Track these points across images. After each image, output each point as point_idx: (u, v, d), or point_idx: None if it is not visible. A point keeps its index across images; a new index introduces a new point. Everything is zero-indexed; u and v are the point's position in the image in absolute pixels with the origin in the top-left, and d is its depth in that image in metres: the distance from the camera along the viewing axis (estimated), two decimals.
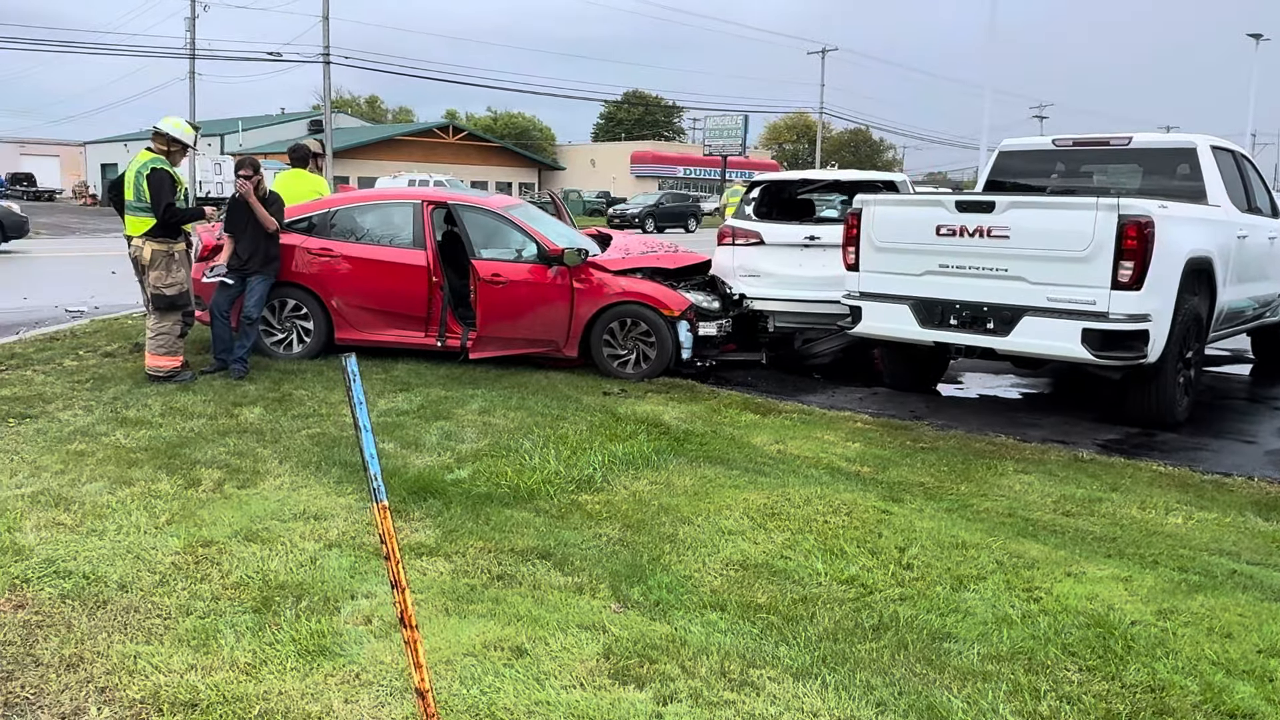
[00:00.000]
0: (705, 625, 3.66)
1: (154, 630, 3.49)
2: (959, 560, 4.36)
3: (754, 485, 5.35)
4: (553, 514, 4.86)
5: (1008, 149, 9.20)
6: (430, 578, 4.01)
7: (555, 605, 3.78)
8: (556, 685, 3.17)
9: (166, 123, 7.55)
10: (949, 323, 7.13)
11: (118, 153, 61.93)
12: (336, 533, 4.46)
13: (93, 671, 3.19)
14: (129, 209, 7.46)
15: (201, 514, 4.66)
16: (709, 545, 4.47)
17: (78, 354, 8.54)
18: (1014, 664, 3.43)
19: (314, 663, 3.27)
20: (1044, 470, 5.96)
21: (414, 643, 2.41)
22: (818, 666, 3.35)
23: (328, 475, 5.30)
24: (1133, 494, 5.51)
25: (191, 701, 3.02)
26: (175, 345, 7.48)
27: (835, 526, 4.73)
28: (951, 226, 7.02)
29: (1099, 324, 6.45)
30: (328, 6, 39.92)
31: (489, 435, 6.23)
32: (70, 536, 4.32)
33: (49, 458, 5.44)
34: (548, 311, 8.39)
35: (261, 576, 3.95)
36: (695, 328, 8.43)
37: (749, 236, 9.30)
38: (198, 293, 8.24)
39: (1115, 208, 6.35)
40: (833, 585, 4.08)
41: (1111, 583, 4.16)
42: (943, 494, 5.43)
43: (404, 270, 8.51)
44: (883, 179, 9.55)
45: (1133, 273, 6.34)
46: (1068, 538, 4.75)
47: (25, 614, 3.58)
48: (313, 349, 8.54)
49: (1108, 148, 8.58)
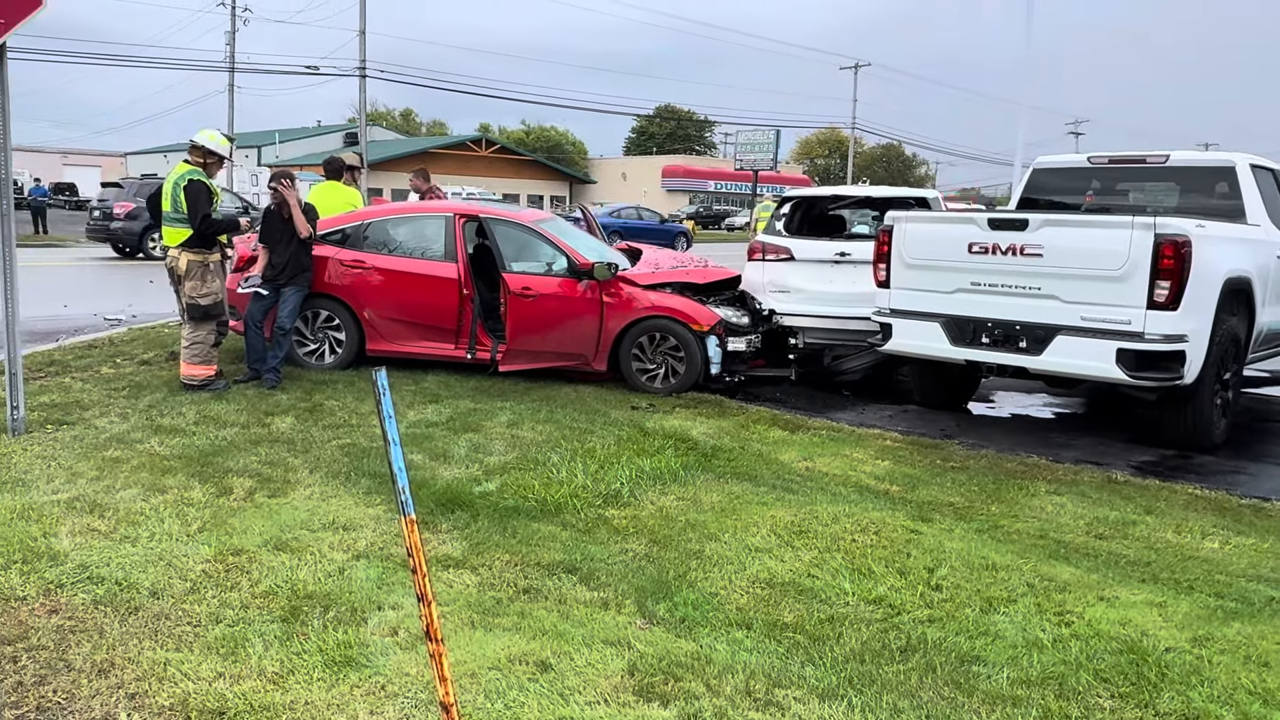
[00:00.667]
0: (731, 643, 3.64)
1: (184, 638, 3.52)
2: (989, 582, 4.31)
3: (782, 502, 5.32)
4: (579, 528, 4.87)
5: (1042, 166, 9.13)
6: (457, 590, 4.02)
7: (581, 620, 3.78)
8: (581, 701, 3.16)
9: (203, 135, 7.68)
10: (981, 341, 7.07)
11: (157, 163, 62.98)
12: (365, 544, 4.48)
13: (123, 678, 3.23)
14: (166, 220, 7.58)
15: (232, 522, 4.70)
16: (735, 562, 4.45)
17: (115, 362, 8.67)
18: (1044, 689, 3.38)
19: (340, 673, 3.29)
20: (1077, 492, 5.88)
21: (439, 656, 2.41)
22: (844, 687, 3.32)
23: (357, 486, 5.33)
24: (1168, 517, 5.42)
25: (219, 710, 3.04)
26: (210, 354, 7.58)
27: (863, 545, 4.70)
28: (984, 244, 6.96)
29: (1134, 344, 6.37)
30: (364, 21, 40.44)
31: (517, 448, 6.25)
32: (104, 543, 4.37)
33: (85, 464, 5.53)
34: (577, 325, 8.41)
35: (290, 586, 3.98)
36: (724, 343, 8.41)
37: (779, 252, 9.29)
38: (232, 303, 8.35)
39: (1152, 226, 6.28)
40: (860, 605, 4.05)
41: (1145, 608, 4.09)
42: (973, 514, 5.37)
43: (435, 283, 8.57)
44: (915, 195, 9.51)
45: (1169, 292, 6.26)
46: (1101, 561, 4.68)
47: (58, 619, 3.63)
48: (344, 360, 8.62)
49: (1144, 165, 8.48)
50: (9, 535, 4.38)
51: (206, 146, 7.59)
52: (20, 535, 4.38)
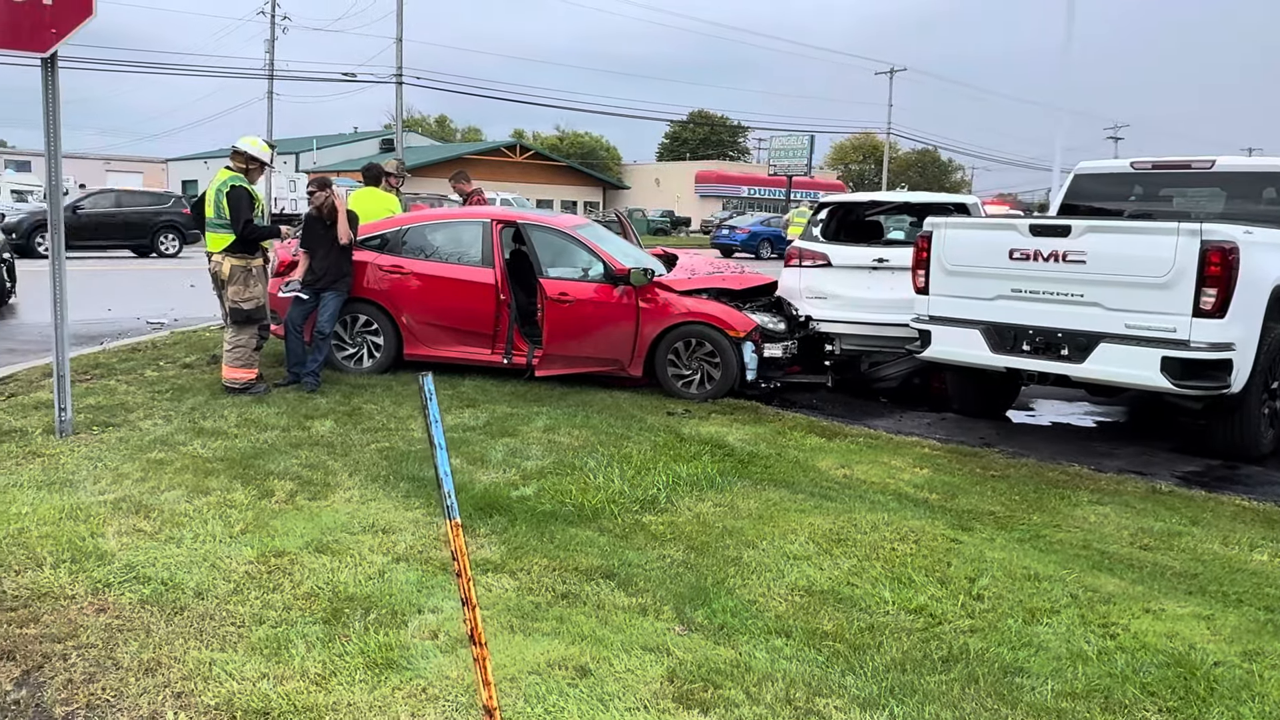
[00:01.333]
0: (770, 651, 3.62)
1: (228, 638, 3.57)
2: (1031, 592, 4.26)
3: (819, 510, 5.29)
4: (617, 534, 4.87)
5: (1084, 171, 9.02)
6: (495, 594, 4.04)
7: (619, 626, 3.77)
8: (620, 706, 3.16)
9: (244, 141, 7.80)
10: (1021, 348, 6.99)
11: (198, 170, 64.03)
12: (404, 547, 4.52)
13: (170, 676, 3.28)
14: (209, 226, 7.69)
15: (274, 524, 4.76)
16: (774, 570, 4.43)
17: (158, 365, 8.81)
18: (1090, 702, 3.33)
19: (382, 675, 3.31)
20: (1120, 502, 5.79)
21: (483, 660, 2.42)
22: (885, 697, 3.29)
23: (396, 489, 5.38)
24: (1215, 529, 5.32)
25: (264, 710, 3.08)
26: (251, 358, 7.68)
27: (903, 554, 4.66)
28: (1025, 250, 6.89)
29: (1179, 352, 6.27)
30: (401, 28, 40.87)
31: (554, 453, 6.26)
32: (150, 543, 4.44)
33: (130, 465, 5.62)
34: (613, 331, 8.42)
35: (331, 588, 4.02)
36: (760, 349, 8.39)
37: (816, 258, 9.24)
38: (273, 307, 8.45)
39: (1197, 233, 6.18)
40: (900, 614, 4.01)
41: (1193, 621, 4.02)
42: (1014, 524, 5.31)
43: (472, 288, 8.62)
44: (954, 201, 9.42)
45: (1215, 300, 6.16)
46: (1146, 572, 4.60)
47: (106, 618, 3.69)
48: (382, 364, 8.69)
49: (1189, 171, 8.35)
50: (58, 534, 4.46)
51: (249, 152, 7.70)
52: (69, 534, 4.46)
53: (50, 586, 3.93)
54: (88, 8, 5.98)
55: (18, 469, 5.50)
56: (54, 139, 6.08)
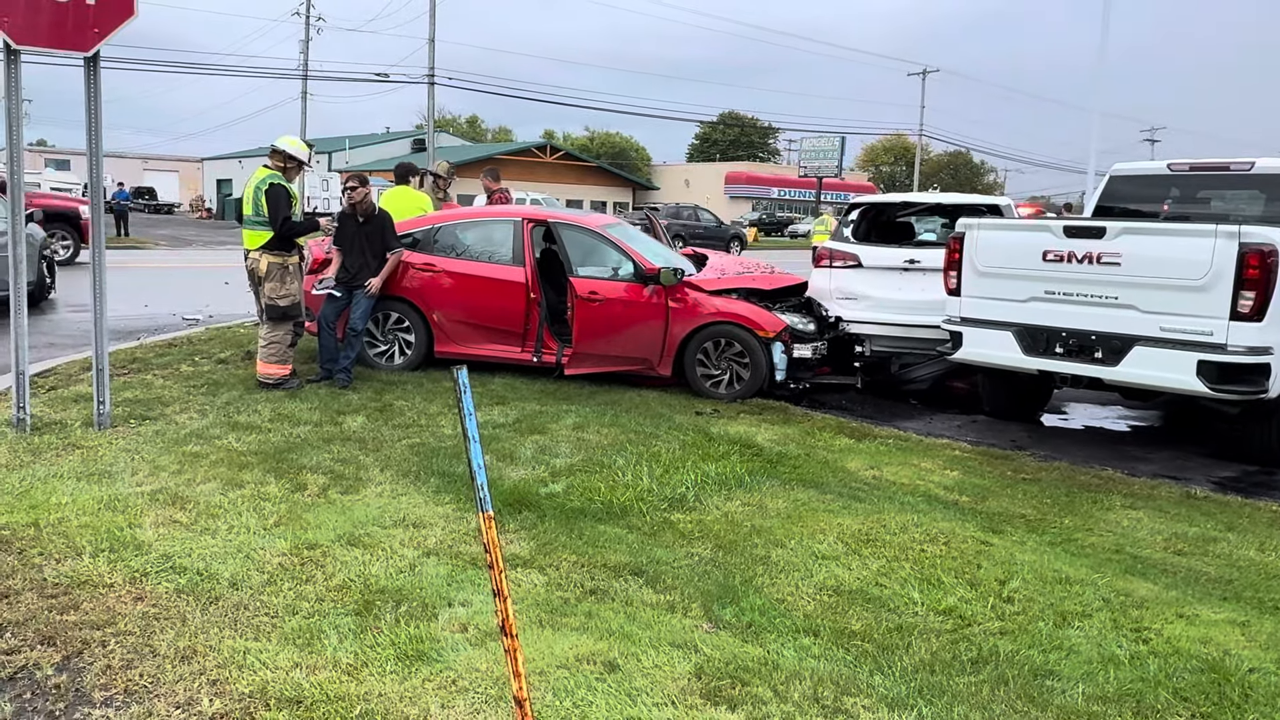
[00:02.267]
0: (798, 649, 3.62)
1: (262, 628, 3.62)
2: (1063, 596, 4.23)
3: (848, 510, 5.28)
4: (645, 531, 4.88)
5: (1119, 173, 8.93)
6: (524, 589, 4.07)
7: (647, 622, 3.79)
8: (649, 702, 3.17)
9: (283, 141, 7.89)
10: (1054, 351, 6.93)
11: (233, 169, 64.71)
12: (434, 541, 4.56)
13: (205, 664, 3.33)
14: (247, 223, 7.79)
15: (307, 517, 4.82)
16: (802, 569, 4.43)
17: (193, 360, 8.94)
18: (1122, 706, 3.30)
19: (412, 667, 3.35)
20: (1154, 506, 5.72)
21: (514, 651, 2.45)
22: (914, 698, 3.28)
23: (426, 484, 5.42)
24: (1251, 535, 5.25)
25: (296, 698, 3.12)
26: (286, 354, 7.77)
27: (932, 555, 4.64)
28: (1059, 252, 6.83)
29: (1216, 356, 6.19)
30: (434, 29, 41.10)
31: (583, 451, 6.29)
32: (185, 534, 4.51)
33: (166, 458, 5.70)
34: (642, 330, 8.44)
35: (363, 580, 4.06)
36: (790, 350, 8.37)
37: (847, 259, 9.21)
38: (307, 304, 8.54)
39: (1236, 235, 6.10)
40: (929, 615, 4.00)
41: (1227, 626, 3.97)
42: (1045, 527, 5.27)
43: (503, 286, 8.67)
44: (986, 203, 9.35)
45: (1254, 303, 6.08)
46: (1179, 578, 4.55)
47: (144, 606, 3.75)
48: (413, 361, 8.76)
49: (1228, 173, 8.25)
50: (97, 525, 4.55)
51: (287, 151, 7.80)
52: (107, 525, 4.55)
53: (89, 575, 4.01)
54: (129, 8, 6.09)
55: (58, 460, 5.60)
56: (95, 137, 6.19)
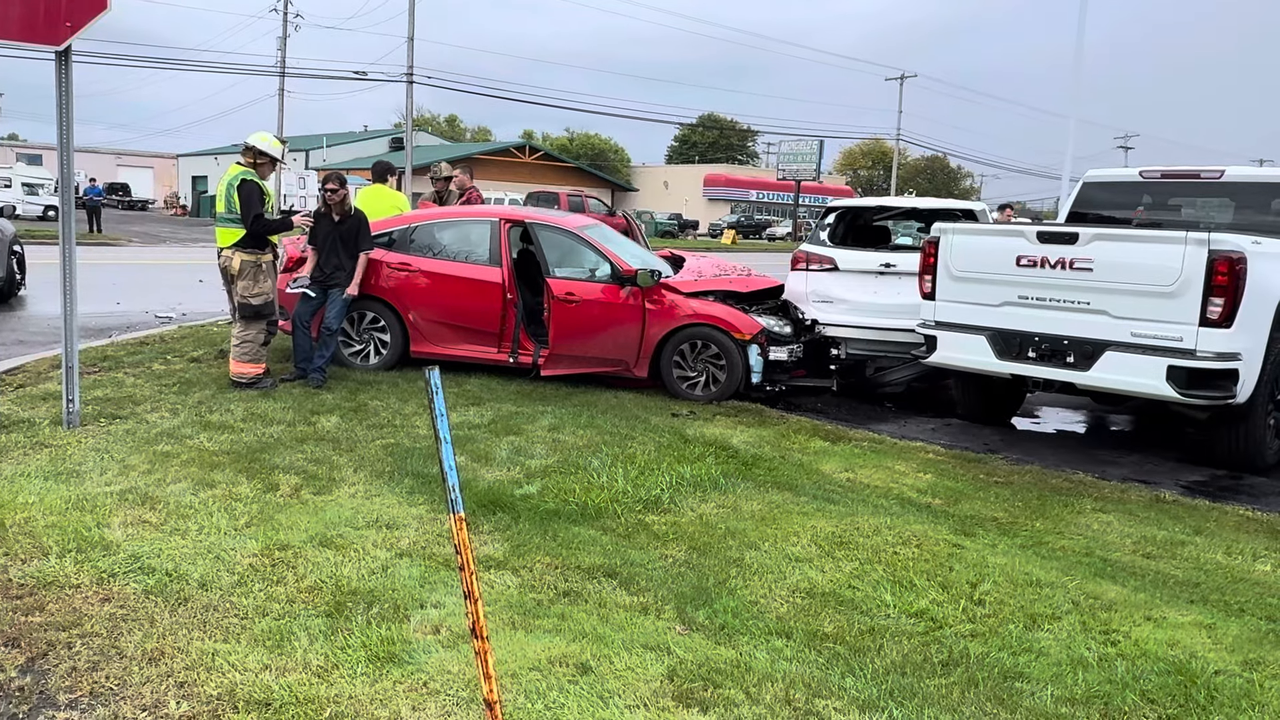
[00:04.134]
0: (770, 651, 3.63)
1: (231, 629, 3.58)
2: (1033, 598, 4.26)
3: (822, 513, 5.30)
4: (619, 533, 4.88)
5: (1092, 180, 9.01)
6: (498, 590, 4.05)
7: (620, 624, 3.79)
8: (620, 704, 3.17)
9: (256, 137, 7.83)
10: (1027, 355, 6.99)
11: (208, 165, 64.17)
12: (407, 542, 4.53)
13: (173, 666, 3.29)
14: (220, 220, 7.73)
15: (279, 518, 4.78)
16: (775, 571, 4.44)
17: (166, 358, 8.85)
18: (1089, 708, 3.33)
19: (383, 669, 3.32)
20: (1124, 510, 5.79)
21: (484, 654, 2.44)
22: (885, 700, 3.30)
23: (400, 485, 5.39)
24: (1218, 538, 5.32)
25: (266, 700, 3.09)
26: (259, 353, 7.71)
27: (905, 558, 4.66)
28: (1032, 257, 6.89)
29: (1186, 361, 6.27)
30: (413, 28, 40.97)
31: (558, 452, 6.28)
32: (155, 534, 4.47)
33: (137, 457, 5.64)
34: (619, 331, 8.44)
35: (334, 582, 4.03)
36: (766, 352, 8.39)
37: (823, 262, 9.25)
38: (281, 303, 8.48)
39: (1205, 242, 6.18)
40: (901, 618, 4.02)
41: (1194, 629, 4.02)
42: (1017, 530, 5.31)
43: (479, 286, 8.64)
44: (962, 208, 9.43)
45: (1223, 310, 6.15)
46: (1148, 580, 4.60)
47: (111, 607, 3.71)
48: (389, 361, 8.72)
49: (1198, 180, 8.35)
50: (64, 524, 4.49)
51: (259, 148, 7.73)
52: (75, 525, 4.49)
53: (56, 575, 3.95)
54: (102, 2, 6.02)
55: (25, 459, 5.53)
56: (66, 132, 6.11)
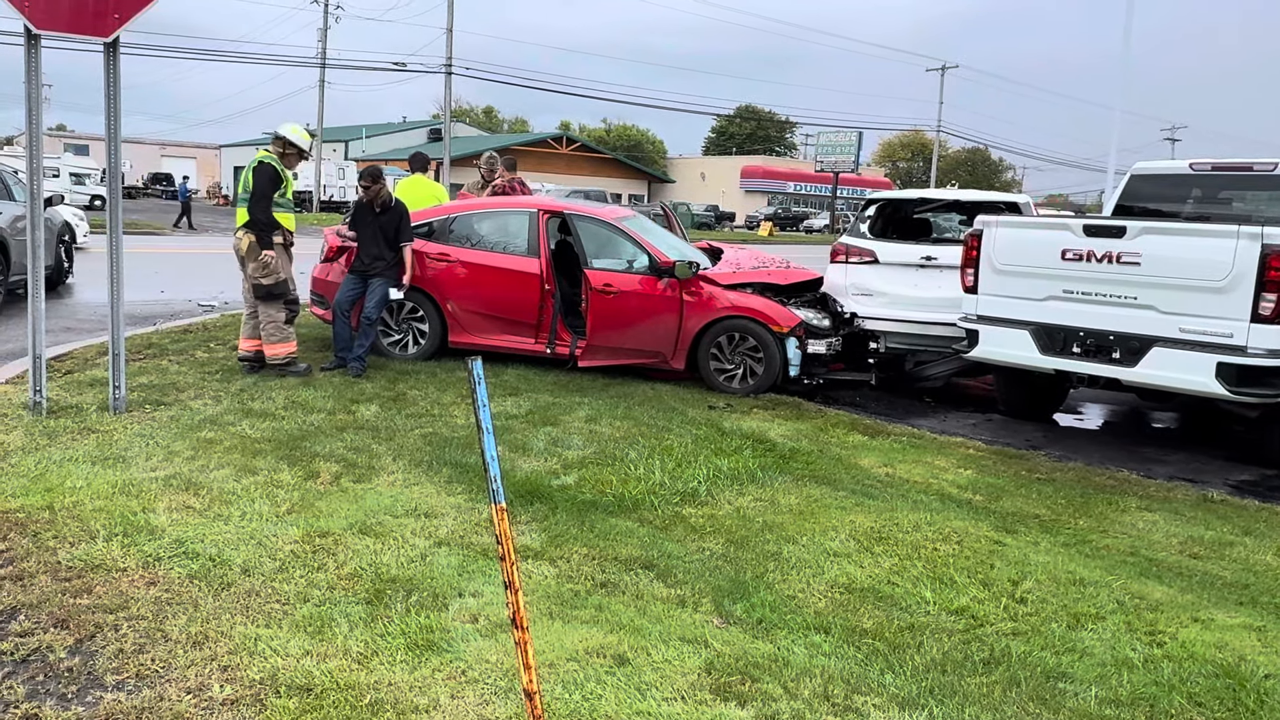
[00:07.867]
0: (809, 646, 3.61)
1: (273, 614, 3.63)
2: (1076, 597, 4.20)
3: (861, 507, 5.25)
4: (656, 525, 4.87)
5: (1140, 172, 8.85)
6: (535, 581, 4.06)
7: (657, 616, 3.78)
8: (658, 696, 3.16)
9: (286, 127, 7.92)
10: (1072, 350, 6.88)
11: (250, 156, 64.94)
12: (446, 531, 4.56)
13: (216, 650, 3.34)
14: (239, 201, 7.83)
15: (319, 505, 4.82)
16: (814, 566, 4.41)
17: (208, 346, 8.97)
18: (1135, 710, 3.27)
19: (422, 657, 3.35)
20: (1170, 509, 5.68)
21: (524, 644, 2.44)
22: (924, 697, 3.26)
23: (439, 474, 5.42)
24: (1268, 539, 5.20)
25: (307, 686, 3.12)
26: (286, 332, 7.75)
27: (945, 554, 4.61)
28: (1078, 251, 6.78)
29: (1236, 358, 6.13)
30: (452, 19, 41.16)
31: (595, 443, 6.28)
32: (198, 520, 4.53)
33: (181, 444, 5.73)
34: (657, 323, 8.42)
35: (374, 569, 4.07)
36: (804, 345, 8.33)
37: (863, 255, 9.17)
38: (321, 291, 8.55)
39: (1259, 237, 6.04)
40: (941, 615, 3.97)
41: (1243, 632, 3.93)
42: (1059, 528, 5.23)
43: (518, 277, 8.66)
44: (1005, 200, 9.28)
45: (1275, 306, 6.01)
46: (1195, 581, 4.51)
47: (156, 591, 3.77)
48: (427, 351, 8.77)
49: (1251, 173, 8.16)
50: (111, 509, 4.56)
51: (287, 138, 7.80)
52: (121, 509, 4.56)
53: (103, 559, 4.02)
54: None
55: (73, 444, 5.63)
56: (114, 123, 6.20)
